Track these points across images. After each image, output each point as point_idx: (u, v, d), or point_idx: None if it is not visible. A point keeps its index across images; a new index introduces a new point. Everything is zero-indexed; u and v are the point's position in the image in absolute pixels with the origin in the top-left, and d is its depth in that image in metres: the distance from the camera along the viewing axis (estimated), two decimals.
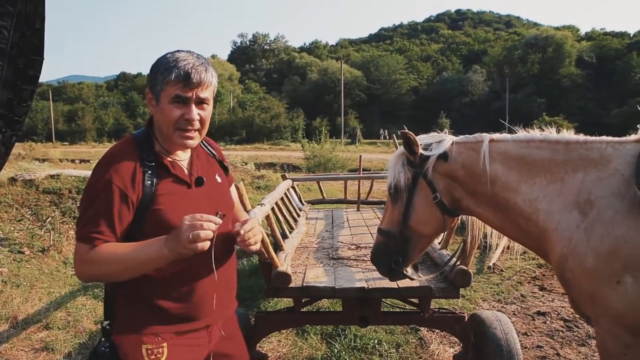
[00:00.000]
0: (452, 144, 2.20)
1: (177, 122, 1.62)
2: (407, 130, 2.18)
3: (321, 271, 3.12)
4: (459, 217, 2.54)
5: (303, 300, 3.15)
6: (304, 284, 2.80)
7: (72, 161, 26.02)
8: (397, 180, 2.23)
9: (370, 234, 4.33)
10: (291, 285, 2.73)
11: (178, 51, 1.65)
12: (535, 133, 2.12)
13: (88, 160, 23.90)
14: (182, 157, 1.74)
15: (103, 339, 1.66)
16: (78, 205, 8.05)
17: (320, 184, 6.87)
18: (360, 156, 6.90)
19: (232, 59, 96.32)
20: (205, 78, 1.62)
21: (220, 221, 1.53)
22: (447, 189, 2.19)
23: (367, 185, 7.02)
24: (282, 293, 2.80)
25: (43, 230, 7.12)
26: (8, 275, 5.66)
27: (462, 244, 2.76)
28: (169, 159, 1.69)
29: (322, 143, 20.75)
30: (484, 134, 2.20)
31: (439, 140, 2.22)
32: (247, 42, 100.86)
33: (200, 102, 1.64)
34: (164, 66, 1.60)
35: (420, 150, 2.19)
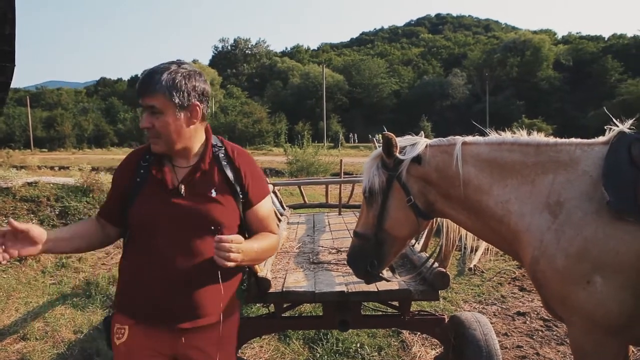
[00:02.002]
0: (426, 147, 2.22)
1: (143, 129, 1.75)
2: (388, 132, 2.20)
3: (301, 276, 3.12)
4: (434, 220, 2.58)
5: (284, 306, 3.15)
6: (284, 289, 2.79)
7: (52, 168, 25.41)
8: (372, 183, 2.25)
9: (351, 237, 4.34)
10: (271, 290, 2.72)
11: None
12: (506, 136, 2.16)
13: (67, 167, 23.40)
14: (182, 165, 1.82)
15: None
16: (57, 212, 7.93)
17: (302, 189, 6.87)
18: (341, 160, 6.94)
19: (213, 63, 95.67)
20: (149, 86, 1.69)
21: None
22: (421, 192, 2.22)
23: (349, 188, 7.04)
24: (262, 299, 2.79)
25: None
26: None
27: (439, 247, 2.79)
28: (163, 163, 1.80)
29: (305, 147, 20.74)
30: (457, 137, 2.23)
31: (413, 143, 2.24)
32: (229, 47, 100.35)
33: (151, 111, 1.71)
34: None
35: (395, 153, 2.21)
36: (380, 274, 2.35)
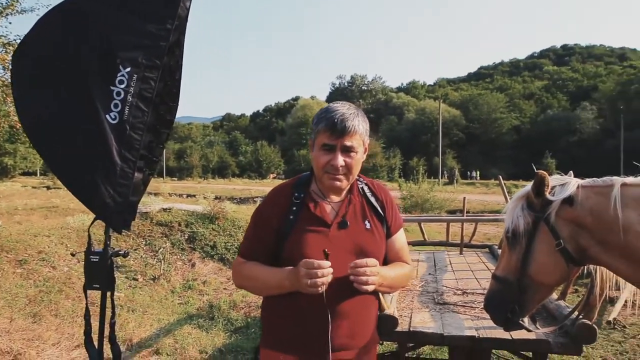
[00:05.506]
0: (578, 187, 2.05)
1: (325, 167, 1.78)
2: (541, 171, 2.07)
3: (427, 316, 3.01)
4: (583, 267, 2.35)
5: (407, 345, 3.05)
6: (411, 329, 2.71)
7: (180, 195, 27.80)
8: (516, 224, 2.11)
9: (476, 279, 4.13)
10: (398, 329, 2.64)
11: (335, 103, 1.83)
12: None
13: (194, 195, 25.37)
14: (335, 200, 1.87)
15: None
16: (186, 237, 8.55)
17: (422, 225, 6.71)
18: (464, 198, 6.68)
19: (330, 99, 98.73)
20: (349, 128, 1.75)
21: (329, 264, 1.63)
22: (572, 236, 2.03)
23: (469, 227, 6.74)
24: (388, 337, 2.72)
25: (155, 260, 7.61)
26: (124, 300, 6.08)
27: (586, 295, 2.54)
28: (315, 199, 1.85)
29: (420, 183, 20.45)
30: (614, 177, 2.03)
31: (563, 183, 2.07)
32: (345, 84, 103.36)
33: (346, 150, 1.77)
34: (318, 116, 1.82)
35: (546, 194, 2.06)
36: (521, 322, 2.18)
